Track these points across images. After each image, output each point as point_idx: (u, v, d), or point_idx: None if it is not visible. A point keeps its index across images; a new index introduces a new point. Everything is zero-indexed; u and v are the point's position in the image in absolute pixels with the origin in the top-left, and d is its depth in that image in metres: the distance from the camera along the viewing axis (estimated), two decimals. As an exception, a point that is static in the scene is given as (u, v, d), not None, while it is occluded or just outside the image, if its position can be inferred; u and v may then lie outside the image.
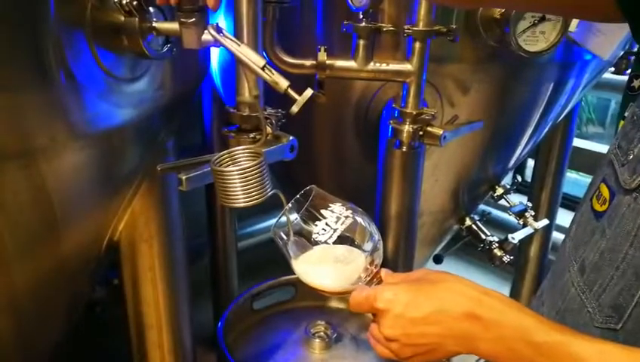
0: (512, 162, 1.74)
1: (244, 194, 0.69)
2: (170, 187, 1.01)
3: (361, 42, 1.16)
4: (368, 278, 0.77)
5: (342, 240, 0.76)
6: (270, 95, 0.94)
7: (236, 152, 0.71)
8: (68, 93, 0.69)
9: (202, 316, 2.09)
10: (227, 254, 2.07)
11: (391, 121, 1.24)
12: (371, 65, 1.18)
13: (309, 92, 0.72)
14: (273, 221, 2.41)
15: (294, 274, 0.82)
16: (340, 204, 0.76)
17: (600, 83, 1.87)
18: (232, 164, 0.71)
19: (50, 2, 0.66)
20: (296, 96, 0.71)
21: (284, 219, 0.78)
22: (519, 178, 1.95)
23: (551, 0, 0.73)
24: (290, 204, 0.75)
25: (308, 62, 1.19)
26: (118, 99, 0.77)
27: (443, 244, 1.95)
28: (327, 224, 0.73)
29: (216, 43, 0.71)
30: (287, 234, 0.77)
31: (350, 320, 1.45)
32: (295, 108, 0.72)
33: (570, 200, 2.52)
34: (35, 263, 0.84)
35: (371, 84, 1.35)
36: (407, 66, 1.18)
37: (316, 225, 0.73)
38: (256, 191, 0.69)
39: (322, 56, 1.17)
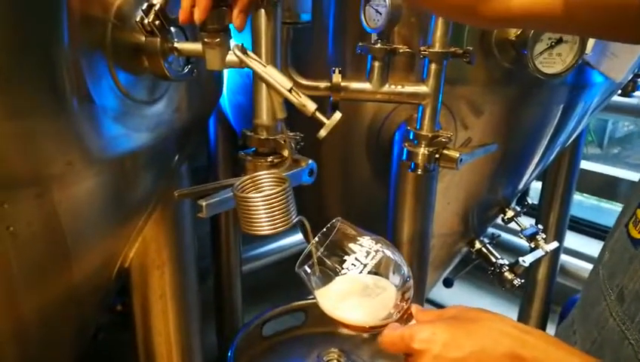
0: (521, 185, 1.73)
1: (268, 221, 0.66)
2: (183, 212, 0.99)
3: (376, 64, 1.14)
4: (398, 314, 0.74)
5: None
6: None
7: (260, 178, 0.68)
8: (85, 117, 0.66)
9: (205, 339, 2.05)
10: (231, 277, 2.04)
11: (406, 144, 1.22)
12: (386, 88, 1.17)
13: (337, 115, 0.69)
14: (278, 244, 2.37)
15: (303, 299, 0.78)
16: (369, 238, 0.73)
17: (608, 106, 1.87)
18: (255, 189, 0.68)
19: (64, 25, 0.64)
20: (324, 119, 0.69)
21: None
22: (529, 200, 1.93)
23: (586, 22, 0.71)
24: (317, 238, 0.72)
25: (322, 85, 1.17)
26: (135, 122, 0.74)
27: (451, 268, 1.92)
28: (356, 259, 0.70)
29: (241, 64, 0.69)
30: (313, 268, 0.73)
31: (363, 347, 1.41)
32: (323, 133, 0.70)
33: (575, 223, 2.50)
34: (44, 292, 0.81)
35: (383, 106, 1.33)
36: (422, 88, 1.16)
37: (345, 260, 0.70)
38: (280, 217, 0.66)
39: (337, 77, 1.16)
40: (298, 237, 2.34)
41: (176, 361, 1.07)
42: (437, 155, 1.19)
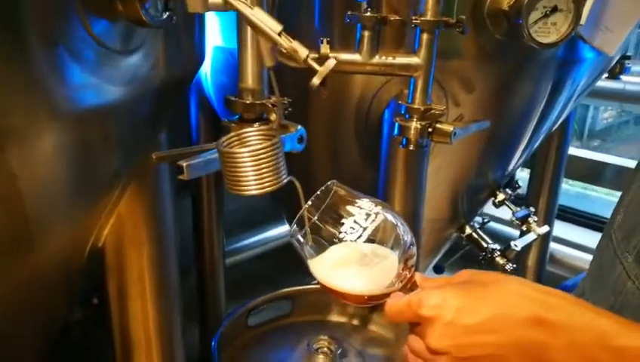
0: (510, 167, 1.69)
1: (255, 179, 0.60)
2: (163, 186, 0.91)
3: (366, 33, 1.09)
4: (401, 284, 0.68)
5: (369, 241, 0.67)
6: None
7: (247, 133, 0.63)
8: (48, 61, 0.59)
9: (188, 337, 1.98)
10: (215, 270, 1.97)
11: (397, 118, 1.17)
12: (377, 59, 1.11)
13: (331, 62, 0.64)
14: (263, 235, 2.29)
15: (291, 286, 0.73)
16: (368, 200, 0.67)
17: (594, 90, 1.84)
18: (242, 146, 0.62)
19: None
20: (317, 66, 0.63)
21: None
22: (519, 184, 1.89)
23: None
24: (310, 202, 0.66)
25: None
26: (107, 72, 0.67)
27: (441, 254, 1.88)
28: (355, 222, 0.64)
29: (225, 6, 0.63)
30: (306, 236, 0.67)
31: (353, 334, 1.35)
32: (316, 80, 0.64)
33: (561, 211, 2.49)
34: (3, 275, 0.72)
35: (371, 82, 1.28)
36: (414, 59, 1.11)
37: (343, 224, 0.64)
38: (269, 176, 0.60)
39: (325, 48, 1.10)
40: (284, 228, 2.28)
41: (156, 350, 0.99)
42: (430, 129, 1.14)
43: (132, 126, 0.79)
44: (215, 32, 1.36)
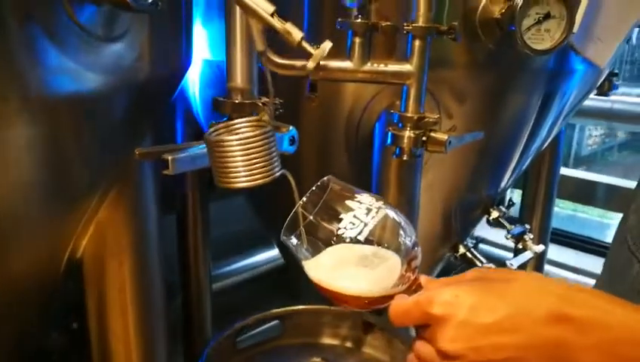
0: (503, 182, 1.66)
1: (245, 170, 0.56)
2: (146, 192, 0.86)
3: (357, 40, 1.07)
4: (405, 286, 0.63)
5: (369, 243, 0.63)
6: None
7: (236, 124, 0.58)
8: (23, 40, 0.55)
9: (173, 362, 1.89)
10: (201, 295, 1.90)
11: (390, 127, 1.14)
12: (368, 66, 1.09)
13: (327, 44, 0.60)
14: (252, 260, 2.22)
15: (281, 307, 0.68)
16: (369, 195, 0.63)
17: (580, 110, 1.84)
18: (232, 135, 0.58)
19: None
20: (311, 50, 0.60)
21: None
22: (513, 201, 1.87)
23: None
24: (304, 199, 0.62)
25: (299, 63, 1.07)
26: (87, 58, 0.63)
27: (435, 275, 1.83)
28: (355, 216, 0.60)
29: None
30: (301, 236, 0.62)
31: (347, 357, 1.29)
32: (311, 64, 0.61)
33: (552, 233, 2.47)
34: None
35: (362, 94, 1.26)
36: (406, 67, 1.09)
37: (341, 219, 0.60)
38: (260, 167, 0.56)
39: (315, 55, 1.07)
40: (274, 252, 2.22)
41: (139, 369, 0.93)
42: (424, 138, 1.11)
43: (112, 123, 0.74)
44: (203, 45, 1.34)
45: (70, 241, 0.80)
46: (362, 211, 0.60)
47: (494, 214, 1.64)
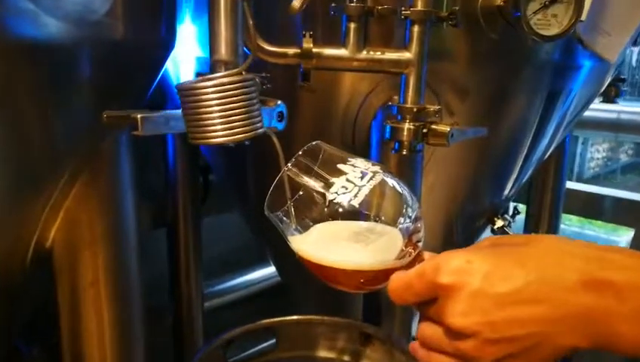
0: (507, 189, 1.59)
1: (223, 123, 0.48)
2: (122, 174, 0.79)
3: (352, 25, 1.01)
4: (405, 263, 0.55)
5: (363, 216, 0.55)
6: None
7: (213, 74, 0.52)
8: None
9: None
10: (192, 313, 1.81)
11: (388, 121, 1.07)
12: (364, 54, 1.03)
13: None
14: (245, 278, 2.13)
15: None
16: (363, 159, 0.56)
17: (585, 120, 1.79)
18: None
19: None
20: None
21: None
22: (517, 209, 1.79)
23: None
24: (289, 165, 0.55)
25: (291, 51, 1.02)
26: (48, 1, 0.56)
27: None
28: (348, 180, 0.52)
29: None
30: (287, 208, 0.55)
31: (344, 370, 1.20)
32: (296, 4, 0.54)
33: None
34: None
35: (359, 88, 1.20)
36: (405, 54, 1.03)
37: (332, 184, 0.52)
38: (240, 120, 0.49)
39: (307, 43, 1.01)
40: (269, 269, 2.13)
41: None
42: (424, 130, 1.05)
43: (77, 86, 0.66)
44: (193, 43, 1.29)
45: (36, 228, 0.72)
46: (356, 174, 0.53)
47: (499, 223, 1.57)
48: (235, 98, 0.49)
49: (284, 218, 0.57)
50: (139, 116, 0.52)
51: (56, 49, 0.59)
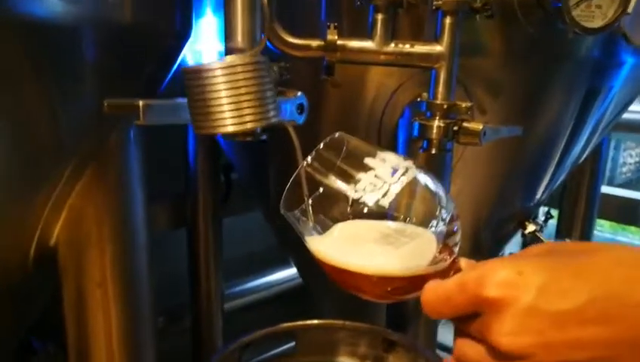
0: (539, 193, 1.52)
1: (232, 109, 0.43)
2: (130, 168, 0.74)
3: (380, 17, 0.96)
4: (439, 270, 0.49)
5: (391, 217, 0.50)
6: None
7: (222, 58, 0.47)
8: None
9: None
10: (212, 315, 1.78)
11: (416, 118, 1.02)
12: (392, 47, 0.98)
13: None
14: (262, 280, 2.09)
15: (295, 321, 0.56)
16: (394, 154, 0.50)
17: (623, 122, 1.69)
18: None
19: None
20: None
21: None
22: (550, 213, 1.71)
23: None
24: (309, 158, 0.50)
25: (315, 43, 0.98)
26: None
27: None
28: (377, 176, 0.47)
29: None
30: (305, 207, 0.50)
31: (365, 378, 1.15)
32: None
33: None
34: None
35: (386, 83, 1.14)
36: (436, 48, 0.97)
37: (359, 180, 0.47)
38: (251, 107, 0.44)
39: (332, 34, 0.97)
40: (291, 271, 2.09)
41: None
42: (455, 128, 0.99)
43: (79, 70, 0.62)
44: (215, 37, 1.26)
45: (38, 225, 0.68)
46: (386, 170, 0.47)
47: (530, 228, 1.49)
48: (246, 82, 0.44)
49: (302, 217, 0.51)
50: (141, 103, 0.47)
51: (60, 29, 0.55)
